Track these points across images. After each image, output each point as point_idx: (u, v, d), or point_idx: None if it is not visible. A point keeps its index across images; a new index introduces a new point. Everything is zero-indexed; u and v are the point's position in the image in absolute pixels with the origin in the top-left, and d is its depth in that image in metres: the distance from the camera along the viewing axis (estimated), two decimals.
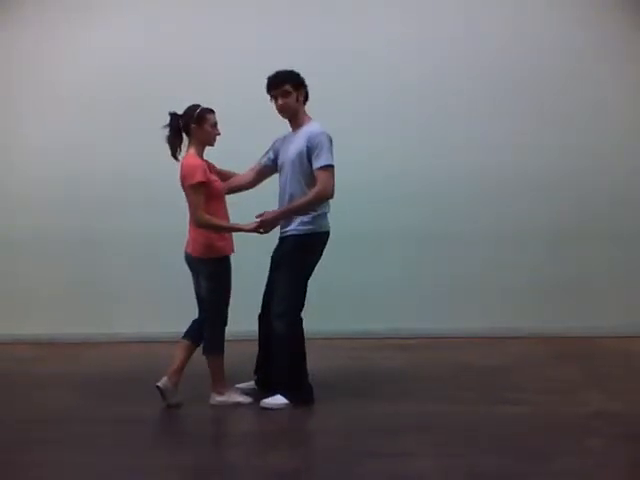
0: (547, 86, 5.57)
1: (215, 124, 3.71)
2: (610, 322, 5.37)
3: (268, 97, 3.77)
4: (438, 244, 5.50)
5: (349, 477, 2.73)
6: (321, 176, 3.60)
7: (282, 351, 3.61)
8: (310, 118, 3.78)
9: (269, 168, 3.91)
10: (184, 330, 3.75)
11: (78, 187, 5.62)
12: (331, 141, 3.67)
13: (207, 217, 3.57)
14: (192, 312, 3.75)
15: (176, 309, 5.30)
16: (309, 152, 3.62)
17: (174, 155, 3.72)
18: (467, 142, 5.55)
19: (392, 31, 5.53)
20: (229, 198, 3.83)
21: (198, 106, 3.68)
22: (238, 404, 3.65)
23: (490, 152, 5.51)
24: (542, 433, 3.13)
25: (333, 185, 3.64)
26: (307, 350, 3.64)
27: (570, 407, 3.50)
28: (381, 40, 5.51)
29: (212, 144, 3.73)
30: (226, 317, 3.71)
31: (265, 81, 3.76)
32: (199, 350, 3.70)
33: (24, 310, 5.62)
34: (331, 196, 3.68)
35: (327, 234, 3.75)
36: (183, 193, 3.67)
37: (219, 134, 3.73)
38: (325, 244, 3.75)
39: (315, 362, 3.72)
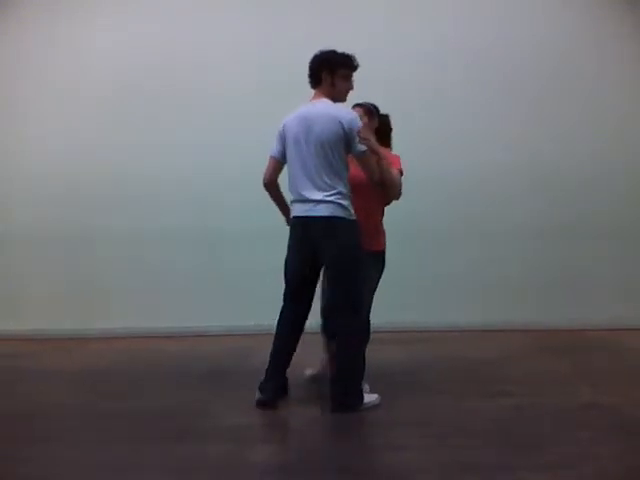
0: (546, 85, 5.63)
1: None
2: (598, 315, 5.42)
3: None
4: (430, 239, 5.55)
5: (340, 471, 2.70)
6: None
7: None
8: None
9: None
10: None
11: (77, 185, 5.66)
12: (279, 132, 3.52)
13: None
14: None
15: (167, 305, 5.35)
16: None
17: None
18: (464, 140, 5.61)
19: (392, 30, 5.59)
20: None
21: None
22: None
23: (487, 149, 5.57)
24: (532, 425, 3.12)
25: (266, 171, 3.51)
26: (302, 344, 3.54)
27: (560, 399, 3.50)
28: (381, 38, 5.56)
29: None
30: None
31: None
32: None
33: (14, 306, 5.63)
34: (264, 183, 3.50)
35: (296, 219, 3.47)
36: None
37: None
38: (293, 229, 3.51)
39: (309, 356, 3.70)
